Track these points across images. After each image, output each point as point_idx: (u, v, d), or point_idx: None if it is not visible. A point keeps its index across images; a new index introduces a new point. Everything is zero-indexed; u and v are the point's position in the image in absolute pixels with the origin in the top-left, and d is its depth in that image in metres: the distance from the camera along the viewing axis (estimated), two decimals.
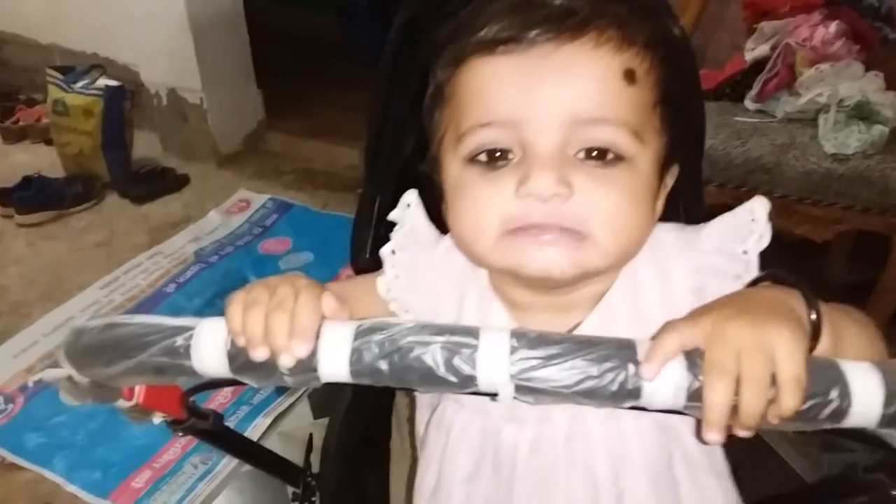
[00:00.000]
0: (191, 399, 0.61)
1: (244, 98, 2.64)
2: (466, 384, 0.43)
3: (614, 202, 0.51)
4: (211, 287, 1.91)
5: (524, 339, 0.43)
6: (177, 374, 0.46)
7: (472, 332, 0.43)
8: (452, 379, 0.42)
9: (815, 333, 0.45)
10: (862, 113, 1.45)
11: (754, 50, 1.66)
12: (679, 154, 0.58)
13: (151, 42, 2.48)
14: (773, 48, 1.61)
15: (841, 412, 0.41)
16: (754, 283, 0.52)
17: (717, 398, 0.40)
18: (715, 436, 0.41)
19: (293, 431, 1.49)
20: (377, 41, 0.86)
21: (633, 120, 0.51)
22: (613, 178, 0.51)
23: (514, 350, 0.42)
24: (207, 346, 0.45)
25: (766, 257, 0.56)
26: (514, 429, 0.59)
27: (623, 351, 0.42)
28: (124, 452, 1.45)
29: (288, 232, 2.19)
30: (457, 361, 0.42)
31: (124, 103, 2.40)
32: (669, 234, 0.58)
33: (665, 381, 0.42)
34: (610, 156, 0.51)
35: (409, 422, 0.74)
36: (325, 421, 0.84)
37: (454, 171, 0.55)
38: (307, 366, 0.44)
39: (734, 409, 0.41)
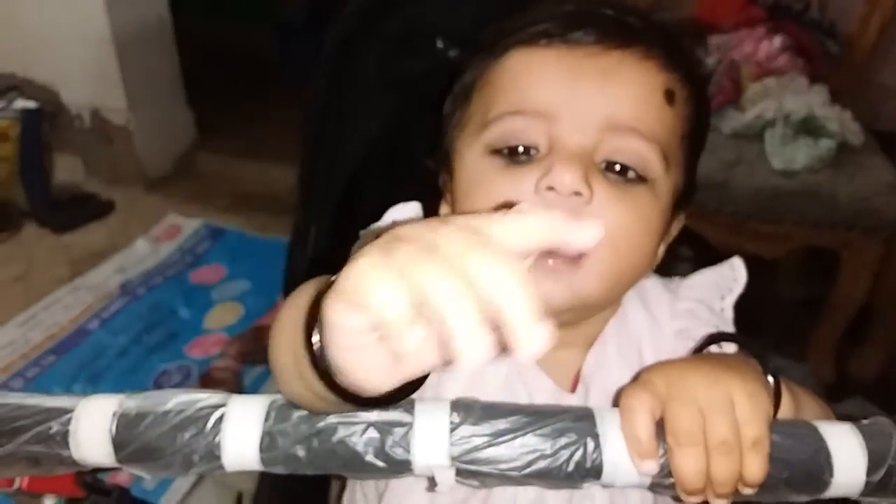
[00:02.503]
0: (90, 473, 0.53)
1: (174, 118, 2.52)
2: (399, 469, 0.37)
3: (628, 222, 0.49)
4: (138, 322, 1.79)
5: (467, 413, 0.37)
6: (54, 465, 0.39)
7: (407, 407, 0.37)
8: (381, 465, 0.36)
9: (776, 398, 0.44)
10: (808, 127, 1.44)
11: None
12: (688, 203, 0.57)
13: (72, 60, 2.35)
14: (717, 63, 1.59)
15: (822, 483, 0.38)
16: (707, 342, 0.51)
17: (689, 469, 0.37)
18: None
19: (229, 480, 1.38)
20: (314, 58, 0.84)
21: (665, 141, 0.50)
22: (633, 197, 0.49)
23: (455, 427, 0.37)
24: (88, 433, 0.38)
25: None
26: None
27: (580, 423, 0.37)
28: None
29: (222, 259, 2.08)
30: (388, 444, 0.36)
31: (43, 126, 2.27)
32: (653, 282, 0.59)
33: (627, 454, 0.38)
34: (632, 174, 0.49)
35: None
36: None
37: (473, 158, 0.53)
38: (208, 453, 0.37)
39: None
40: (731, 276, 0.57)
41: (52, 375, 1.64)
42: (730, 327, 0.55)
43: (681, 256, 1.67)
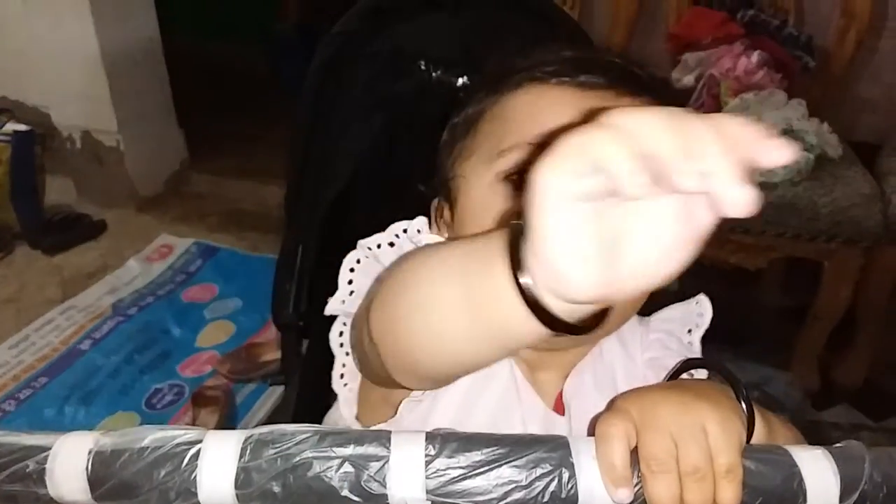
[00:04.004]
0: None
1: (164, 138, 2.53)
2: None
3: None
4: (130, 342, 1.79)
5: (443, 445, 0.37)
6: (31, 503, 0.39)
7: (383, 440, 0.37)
8: (357, 499, 0.36)
9: (749, 424, 0.44)
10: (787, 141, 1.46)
11: (679, 81, 1.67)
12: None
13: (62, 82, 2.36)
14: (697, 79, 1.63)
15: None
16: (680, 370, 0.52)
17: (663, 496, 0.38)
18: None
19: None
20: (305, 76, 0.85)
21: None
22: None
23: (430, 460, 0.37)
24: (64, 471, 0.38)
25: None
26: None
27: (555, 453, 0.37)
28: None
29: (214, 278, 2.08)
30: (364, 478, 0.36)
31: (34, 148, 2.26)
32: None
33: (602, 484, 0.38)
34: None
35: None
36: None
37: (483, 186, 0.54)
38: (185, 490, 0.37)
39: None
40: (698, 311, 0.59)
41: (44, 397, 1.64)
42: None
43: None
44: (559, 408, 0.57)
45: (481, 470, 0.36)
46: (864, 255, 1.49)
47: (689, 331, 0.59)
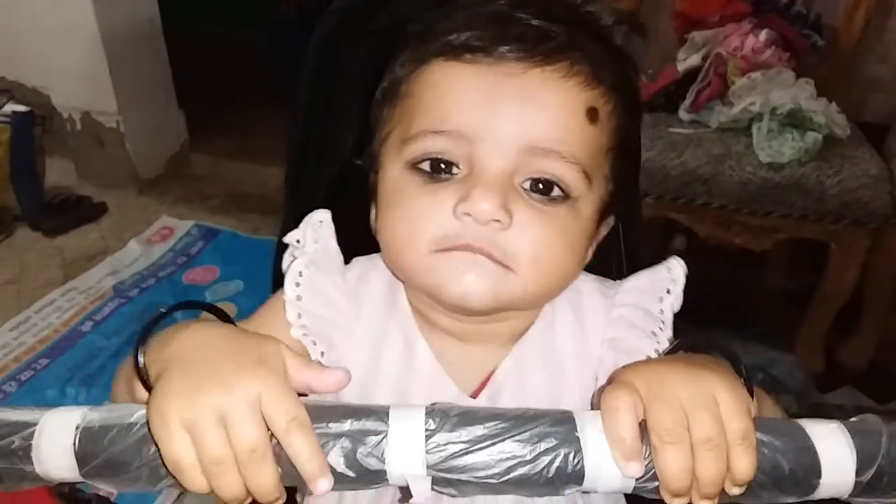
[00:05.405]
0: (68, 485, 0.53)
1: (165, 119, 2.51)
2: (373, 480, 0.36)
3: (549, 243, 0.49)
4: (131, 324, 1.79)
5: (443, 419, 0.36)
6: (18, 481, 0.38)
7: (381, 415, 0.36)
8: (353, 475, 0.35)
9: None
10: (794, 120, 1.45)
11: (686, 60, 1.65)
12: (620, 206, 0.56)
13: (62, 63, 2.34)
14: (704, 58, 1.60)
15: (810, 485, 0.37)
16: (673, 350, 0.49)
17: (674, 468, 0.36)
18: None
19: None
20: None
21: (586, 160, 0.50)
22: (553, 217, 0.49)
23: (430, 434, 0.36)
24: (51, 447, 0.37)
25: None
26: None
27: (560, 427, 0.36)
28: None
29: (215, 260, 2.07)
30: (361, 454, 0.35)
31: (34, 129, 2.25)
32: (589, 285, 0.58)
33: (610, 459, 0.36)
34: (555, 192, 0.50)
35: None
36: None
37: (394, 174, 0.52)
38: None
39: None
40: (669, 278, 0.55)
41: (45, 378, 1.63)
42: (669, 329, 0.54)
43: (673, 249, 1.68)
44: (481, 388, 0.55)
45: (483, 445, 0.35)
46: (871, 237, 1.48)
47: (660, 299, 0.55)
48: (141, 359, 0.43)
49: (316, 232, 0.56)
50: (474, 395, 0.55)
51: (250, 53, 3.16)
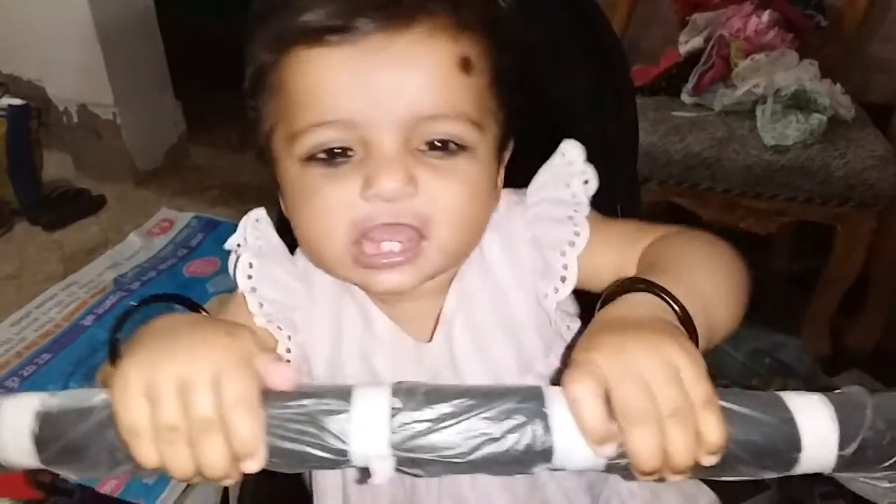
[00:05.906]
0: (48, 474, 0.52)
1: (162, 111, 2.49)
2: (337, 461, 0.35)
3: (457, 196, 0.51)
4: (133, 317, 1.77)
5: (408, 397, 0.35)
6: None
7: (344, 393, 0.35)
8: (317, 454, 0.35)
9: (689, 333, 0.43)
10: (799, 102, 1.43)
11: (688, 43, 1.64)
12: (514, 128, 0.57)
13: (57, 55, 2.32)
14: (706, 40, 1.59)
15: (790, 459, 0.36)
16: (612, 291, 0.47)
17: (645, 448, 0.35)
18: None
19: None
20: None
21: (472, 110, 0.50)
22: (455, 170, 0.51)
23: (395, 413, 0.35)
24: (9, 433, 0.36)
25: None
26: None
27: (528, 403, 0.35)
28: None
29: (216, 252, 2.05)
30: (324, 434, 0.35)
31: (31, 123, 2.23)
32: (504, 201, 0.59)
33: (579, 435, 0.35)
34: (452, 146, 0.50)
35: None
36: None
37: (292, 171, 0.52)
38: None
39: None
40: (566, 161, 0.56)
41: (47, 373, 1.63)
42: (586, 208, 0.55)
43: None
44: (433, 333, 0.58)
45: (449, 423, 0.35)
46: (876, 219, 1.46)
47: (567, 184, 0.56)
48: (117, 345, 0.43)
49: (256, 229, 0.58)
50: (430, 339, 0.57)
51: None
